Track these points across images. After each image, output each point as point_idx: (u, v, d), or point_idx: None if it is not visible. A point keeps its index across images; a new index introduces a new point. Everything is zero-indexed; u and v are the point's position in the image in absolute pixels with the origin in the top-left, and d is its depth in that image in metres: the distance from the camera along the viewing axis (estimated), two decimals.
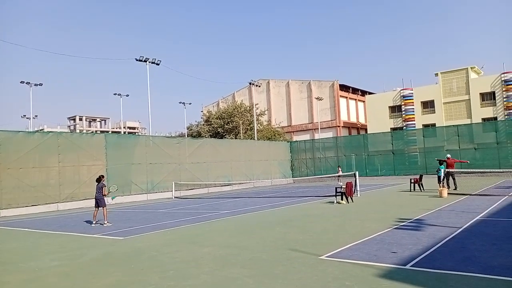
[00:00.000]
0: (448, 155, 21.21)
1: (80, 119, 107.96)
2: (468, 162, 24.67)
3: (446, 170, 19.34)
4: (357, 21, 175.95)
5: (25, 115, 67.54)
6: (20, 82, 48.46)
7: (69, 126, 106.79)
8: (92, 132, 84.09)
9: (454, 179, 19.97)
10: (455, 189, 19.31)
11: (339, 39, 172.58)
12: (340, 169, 21.81)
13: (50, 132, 25.53)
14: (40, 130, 71.25)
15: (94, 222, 13.71)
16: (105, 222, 13.53)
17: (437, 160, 20.95)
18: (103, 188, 13.78)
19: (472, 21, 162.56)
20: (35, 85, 49.36)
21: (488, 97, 46.84)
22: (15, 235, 12.68)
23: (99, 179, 13.96)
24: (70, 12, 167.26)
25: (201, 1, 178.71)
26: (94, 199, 14.01)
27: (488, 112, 46.14)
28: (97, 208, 13.86)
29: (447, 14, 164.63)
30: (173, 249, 8.80)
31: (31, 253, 9.47)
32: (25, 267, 7.88)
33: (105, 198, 13.84)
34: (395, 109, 52.88)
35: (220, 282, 6.10)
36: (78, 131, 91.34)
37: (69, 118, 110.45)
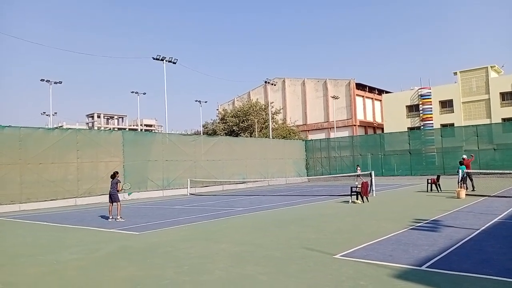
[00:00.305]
0: (464, 156, 20.84)
1: (98, 116, 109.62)
2: (473, 156, 23.11)
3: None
4: (374, 20, 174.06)
5: (44, 112, 68.86)
6: (40, 80, 49.41)
7: (87, 123, 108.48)
8: (110, 129, 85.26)
9: (471, 180, 19.63)
10: (473, 190, 18.98)
11: (356, 37, 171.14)
12: (359, 168, 21.60)
13: (69, 128, 26.02)
14: (60, 126, 72.55)
15: (110, 217, 13.94)
16: (118, 217, 13.72)
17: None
18: (118, 184, 14.01)
19: (493, 19, 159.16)
20: (55, 83, 50.25)
21: (508, 97, 45.83)
22: (35, 229, 12.97)
23: (113, 175, 14.22)
24: (89, 13, 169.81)
25: (218, 1, 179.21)
26: (109, 195, 14.14)
27: (509, 112, 45.13)
28: (111, 204, 14.05)
29: (467, 12, 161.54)
30: (188, 245, 8.89)
31: (49, 246, 9.69)
32: (44, 260, 8.07)
33: (121, 194, 14.06)
34: (413, 109, 52.18)
35: (235, 278, 6.14)
36: (96, 128, 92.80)
37: (87, 115, 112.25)
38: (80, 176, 22.32)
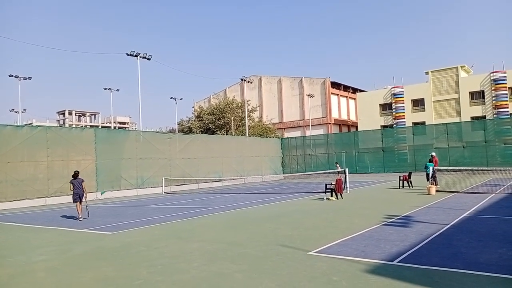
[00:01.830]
0: (433, 153, 21.38)
1: (70, 114, 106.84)
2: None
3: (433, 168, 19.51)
4: (349, 19, 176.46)
5: (13, 109, 66.68)
6: (9, 76, 47.81)
7: (58, 121, 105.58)
8: (82, 126, 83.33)
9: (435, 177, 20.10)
10: (436, 185, 19.46)
11: (331, 36, 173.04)
12: (338, 165, 21.83)
13: (39, 126, 25.23)
14: (29, 124, 70.42)
15: (80, 217, 13.59)
16: (80, 216, 13.58)
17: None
18: (83, 183, 13.79)
19: (463, 20, 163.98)
20: (24, 78, 48.69)
21: (477, 96, 47.36)
22: (3, 229, 12.54)
23: (76, 175, 13.83)
24: (61, 6, 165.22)
25: None
26: (77, 195, 13.65)
27: (477, 110, 46.65)
28: (80, 202, 13.72)
29: (438, 13, 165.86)
30: (162, 244, 8.78)
31: (18, 247, 9.39)
32: (12, 261, 7.81)
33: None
34: (386, 107, 53.21)
35: (209, 277, 6.10)
36: (67, 125, 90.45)
37: (58, 112, 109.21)
38: (50, 175, 21.70)
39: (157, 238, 9.60)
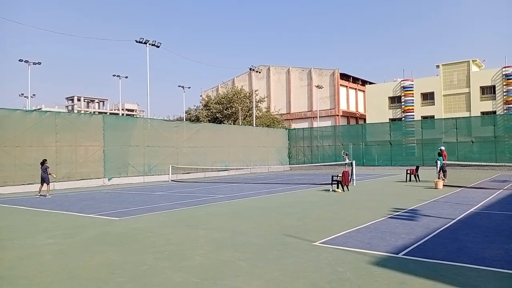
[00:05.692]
0: (442, 147, 21.18)
1: (78, 100, 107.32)
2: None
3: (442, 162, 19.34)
4: (360, 11, 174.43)
5: (23, 94, 67.25)
6: (19, 60, 48.09)
7: (67, 106, 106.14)
8: (90, 113, 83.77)
9: (445, 171, 19.97)
10: (444, 179, 19.31)
11: (341, 28, 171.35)
12: (346, 156, 21.69)
13: (48, 111, 25.40)
14: (38, 109, 70.91)
15: (39, 195, 16.92)
16: (47, 195, 16.89)
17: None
18: (48, 169, 17.07)
19: (476, 14, 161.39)
20: (34, 63, 48.95)
21: (488, 91, 46.79)
22: (11, 213, 12.71)
23: (43, 162, 17.20)
24: None
25: None
26: (41, 178, 17.05)
27: (488, 105, 46.12)
28: (42, 185, 17.02)
29: (451, 6, 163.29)
30: (168, 231, 8.85)
31: (26, 230, 9.51)
32: (20, 244, 7.92)
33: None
34: (395, 100, 52.80)
35: (214, 264, 6.14)
36: (76, 111, 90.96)
37: (67, 98, 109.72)
38: (58, 160, 21.88)
39: (163, 225, 9.67)
